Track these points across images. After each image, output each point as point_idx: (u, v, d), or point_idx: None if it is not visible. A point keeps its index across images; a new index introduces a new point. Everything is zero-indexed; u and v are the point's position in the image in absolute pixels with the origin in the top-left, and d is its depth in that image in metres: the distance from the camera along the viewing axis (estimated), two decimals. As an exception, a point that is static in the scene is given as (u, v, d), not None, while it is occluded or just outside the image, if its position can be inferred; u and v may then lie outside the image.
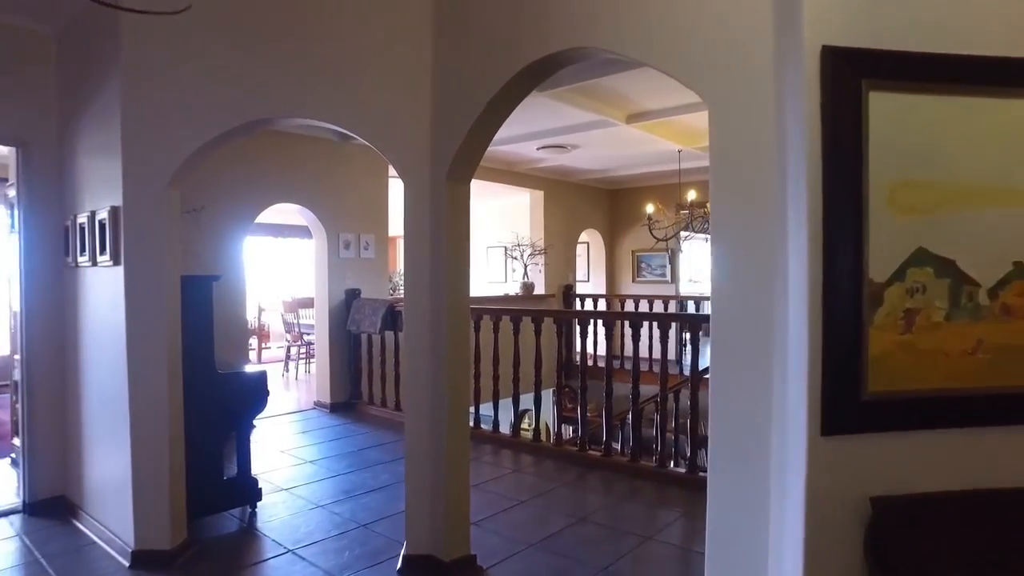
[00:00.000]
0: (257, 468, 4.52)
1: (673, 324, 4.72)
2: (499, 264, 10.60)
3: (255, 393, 3.71)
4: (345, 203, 6.68)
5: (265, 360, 10.75)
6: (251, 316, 11.09)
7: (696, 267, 14.02)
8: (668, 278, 9.75)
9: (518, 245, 8.82)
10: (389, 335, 6.09)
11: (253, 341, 10.95)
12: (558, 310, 8.13)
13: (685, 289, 11.22)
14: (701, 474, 4.14)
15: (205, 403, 3.38)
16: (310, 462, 4.82)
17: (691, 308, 12.11)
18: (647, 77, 4.85)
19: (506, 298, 8.74)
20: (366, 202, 6.88)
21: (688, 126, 6.40)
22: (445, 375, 2.94)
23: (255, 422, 4.54)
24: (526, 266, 8.86)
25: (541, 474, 4.55)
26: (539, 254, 8.91)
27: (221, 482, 3.56)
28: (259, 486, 3.79)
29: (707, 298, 12.03)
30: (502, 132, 6.44)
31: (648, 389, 5.63)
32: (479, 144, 2.88)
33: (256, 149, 5.83)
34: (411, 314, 3.01)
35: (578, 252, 10.64)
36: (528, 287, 8.81)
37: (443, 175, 2.86)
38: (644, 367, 7.38)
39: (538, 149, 7.28)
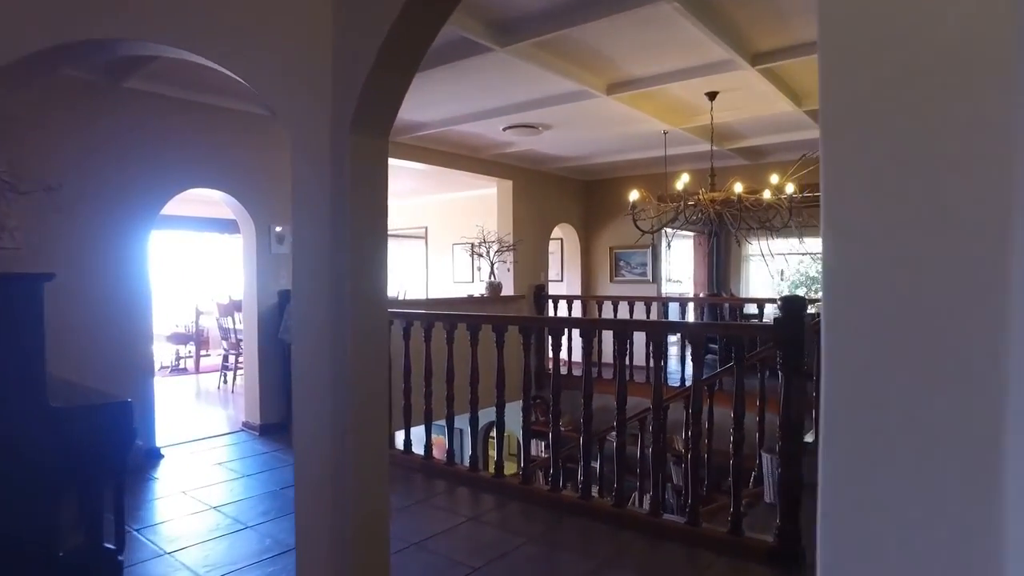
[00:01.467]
0: (142, 519, 3.53)
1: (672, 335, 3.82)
2: (467, 263, 9.68)
3: (111, 434, 2.72)
4: (279, 190, 5.67)
5: (204, 369, 9.67)
6: (187, 321, 10.00)
7: (678, 266, 13.26)
8: (649, 277, 8.90)
9: (483, 241, 7.88)
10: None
11: (189, 349, 9.85)
12: (525, 316, 7.20)
13: (666, 289, 10.42)
14: (706, 526, 3.26)
15: (26, 450, 2.40)
16: (215, 508, 3.83)
17: (675, 311, 11.31)
18: (631, 30, 3.96)
19: (470, 300, 7.79)
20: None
21: (677, 100, 5.53)
22: (351, 400, 2.02)
23: (166, 451, 3.54)
24: (493, 264, 7.92)
25: (505, 523, 3.63)
26: (507, 251, 7.99)
27: (55, 561, 2.58)
28: (120, 557, 2.81)
29: (689, 298, 11.29)
30: (462, 107, 5.47)
31: (633, 402, 4.75)
32: (393, 84, 1.96)
33: (156, 121, 4.81)
34: (303, 317, 2.08)
35: (551, 249, 9.74)
36: (495, 288, 7.87)
37: (346, 124, 1.93)
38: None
39: (505, 130, 6.36)
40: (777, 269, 13.64)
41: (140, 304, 4.78)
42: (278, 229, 5.67)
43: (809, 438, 5.09)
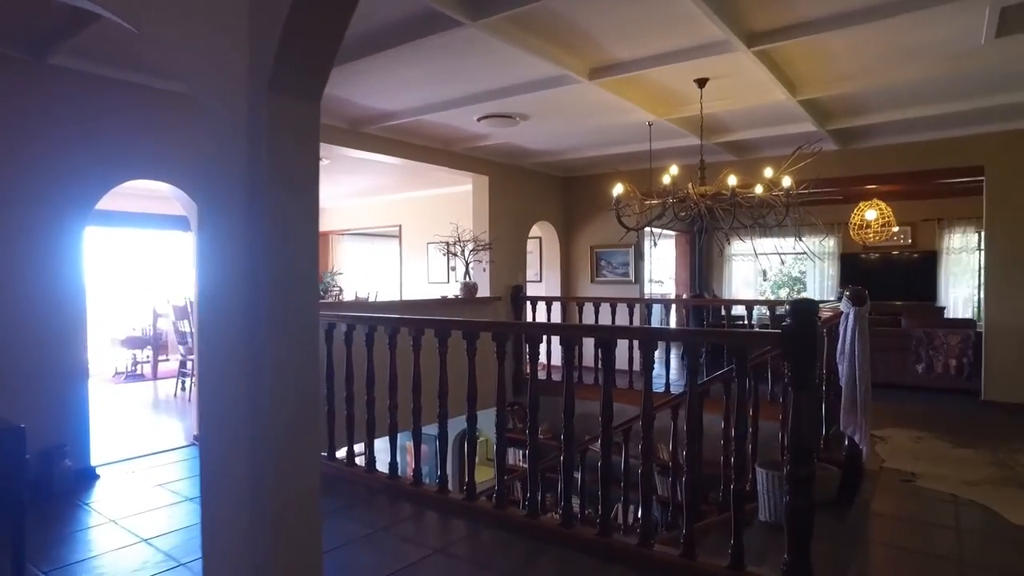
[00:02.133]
0: (56, 558, 3.07)
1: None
2: (442, 263, 9.27)
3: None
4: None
5: (162, 375, 9.13)
6: (145, 324, 9.43)
7: (660, 266, 12.94)
8: (631, 278, 8.54)
9: (458, 240, 7.46)
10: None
11: (147, 353, 9.30)
12: (500, 323, 6.78)
13: (647, 290, 10.08)
14: (703, 561, 2.88)
15: None
16: (147, 541, 3.37)
17: (657, 314, 10.99)
18: (618, 4, 3.57)
19: (443, 302, 7.37)
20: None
21: (663, 88, 5.15)
22: (273, 419, 1.61)
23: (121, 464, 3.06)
24: (468, 264, 7.51)
25: (476, 556, 3.22)
26: (483, 250, 7.57)
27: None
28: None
29: (674, 299, 10.93)
30: (433, 94, 5.03)
31: (615, 409, 4.36)
32: (322, 25, 1.54)
33: (87, 103, 4.33)
34: (212, 318, 1.66)
35: (529, 248, 9.34)
36: (470, 289, 7.46)
37: (263, 81, 1.51)
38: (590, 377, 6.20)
39: (480, 120, 5.95)
40: (760, 269, 13.40)
41: (72, 306, 4.29)
42: (232, 225, 5.20)
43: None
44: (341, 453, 4.42)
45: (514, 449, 8.05)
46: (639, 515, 5.47)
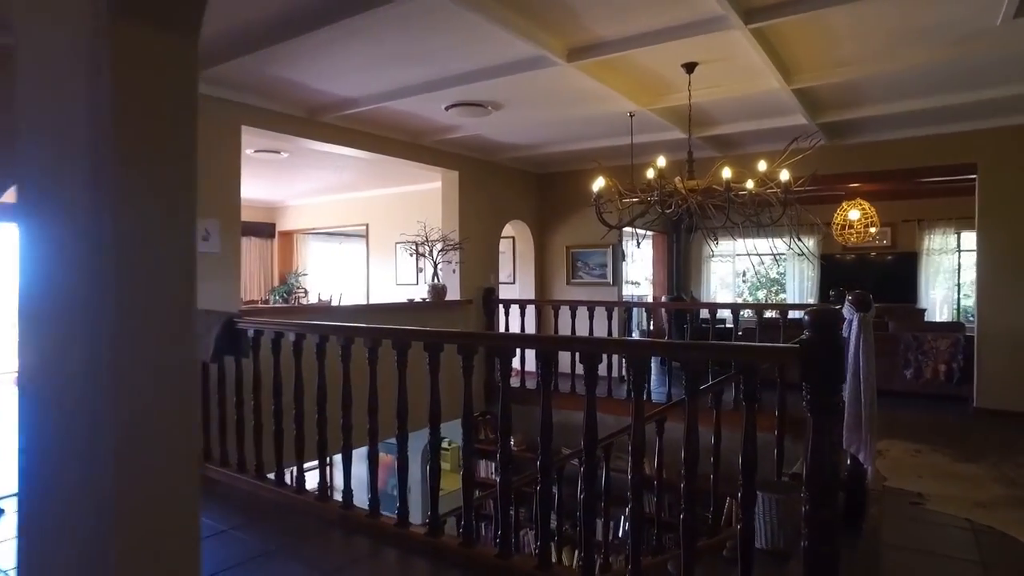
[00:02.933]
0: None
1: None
2: (410, 264, 8.79)
3: None
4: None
5: None
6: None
7: (637, 267, 12.59)
8: (609, 279, 8.13)
9: (426, 240, 6.99)
10: (244, 363, 4.08)
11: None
12: (467, 333, 6.29)
13: (625, 292, 9.69)
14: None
15: None
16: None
17: (638, 321, 10.62)
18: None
19: (410, 306, 6.89)
20: (207, 173, 4.88)
21: (648, 73, 4.74)
22: (125, 468, 1.14)
23: None
24: (436, 266, 7.03)
25: (438, 607, 2.76)
26: (453, 250, 7.11)
27: None
28: None
29: (656, 303, 10.55)
30: (395, 77, 4.55)
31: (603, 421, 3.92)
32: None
33: None
34: (32, 326, 1.18)
35: (502, 248, 8.90)
36: (439, 291, 6.99)
37: (103, 3, 1.03)
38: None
39: (448, 109, 5.48)
40: (740, 271, 13.13)
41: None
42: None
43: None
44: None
45: (486, 461, 7.59)
46: (621, 533, 4.99)
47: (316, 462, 3.72)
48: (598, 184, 4.17)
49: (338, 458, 3.67)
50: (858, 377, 3.77)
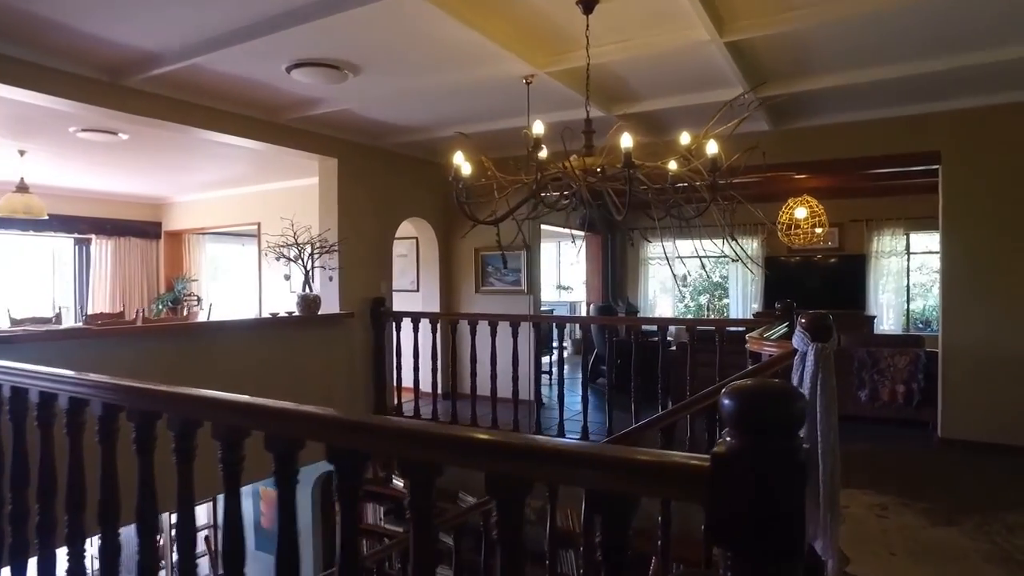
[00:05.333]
0: None
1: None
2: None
3: None
4: None
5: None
6: None
7: (572, 271, 11.48)
8: (523, 287, 6.96)
9: (295, 241, 5.69)
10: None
11: None
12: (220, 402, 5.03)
13: (552, 298, 8.57)
14: None
15: None
16: None
17: (571, 330, 9.48)
18: None
19: (273, 323, 5.58)
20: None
21: (540, 17, 3.56)
22: None
23: None
24: (308, 272, 5.74)
25: None
26: (327, 252, 5.83)
27: None
28: None
29: (574, 318, 9.31)
30: (206, 17, 3.23)
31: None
32: None
33: None
34: None
35: (403, 251, 7.66)
36: (310, 304, 5.70)
37: None
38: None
39: (291, 71, 4.20)
40: (681, 274, 12.18)
41: None
42: None
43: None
44: None
45: (374, 505, 6.32)
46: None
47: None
48: (458, 160, 2.98)
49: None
50: (815, 434, 2.68)
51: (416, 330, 6.04)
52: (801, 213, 7.87)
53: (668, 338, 5.36)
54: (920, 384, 5.89)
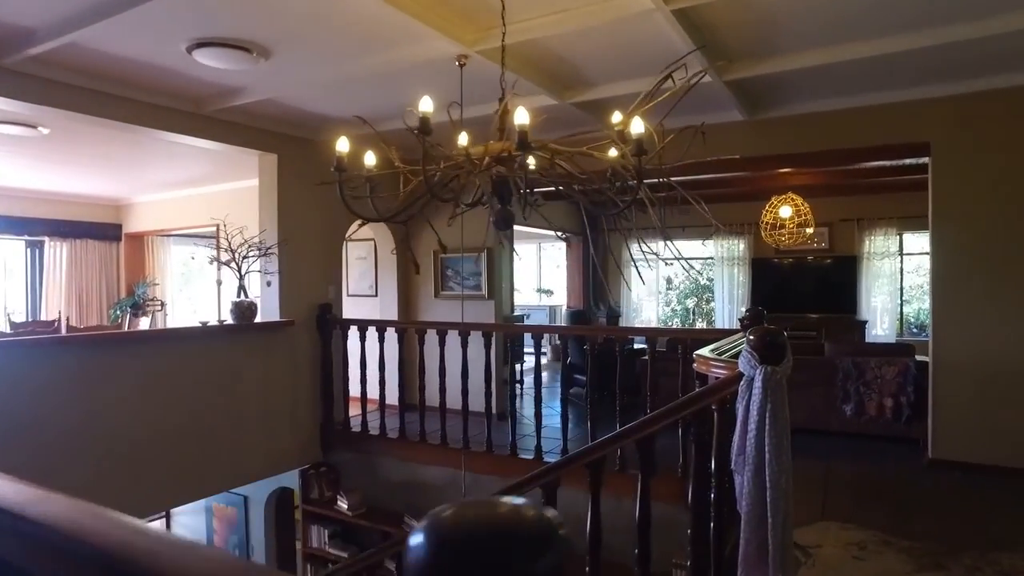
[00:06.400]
0: None
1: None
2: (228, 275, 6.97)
3: None
4: None
5: None
6: None
7: (554, 274, 11.00)
8: (484, 292, 6.48)
9: (228, 244, 5.23)
10: None
11: None
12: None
13: (528, 302, 8.07)
14: None
15: None
16: None
17: (550, 338, 8.99)
18: None
19: (200, 332, 5.11)
20: None
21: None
22: None
23: None
24: (242, 276, 5.27)
25: None
26: (265, 255, 5.36)
27: None
28: None
29: (541, 327, 8.84)
30: None
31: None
32: None
33: None
34: None
35: (361, 254, 7.19)
36: (244, 311, 5.23)
37: None
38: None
39: (193, 51, 3.72)
40: (665, 275, 11.70)
41: None
42: None
43: None
44: None
45: (318, 528, 5.83)
46: None
47: None
48: (341, 146, 2.50)
49: None
50: (763, 477, 2.20)
51: (363, 339, 5.55)
52: (786, 212, 7.40)
53: (641, 346, 4.88)
54: (910, 397, 5.40)
